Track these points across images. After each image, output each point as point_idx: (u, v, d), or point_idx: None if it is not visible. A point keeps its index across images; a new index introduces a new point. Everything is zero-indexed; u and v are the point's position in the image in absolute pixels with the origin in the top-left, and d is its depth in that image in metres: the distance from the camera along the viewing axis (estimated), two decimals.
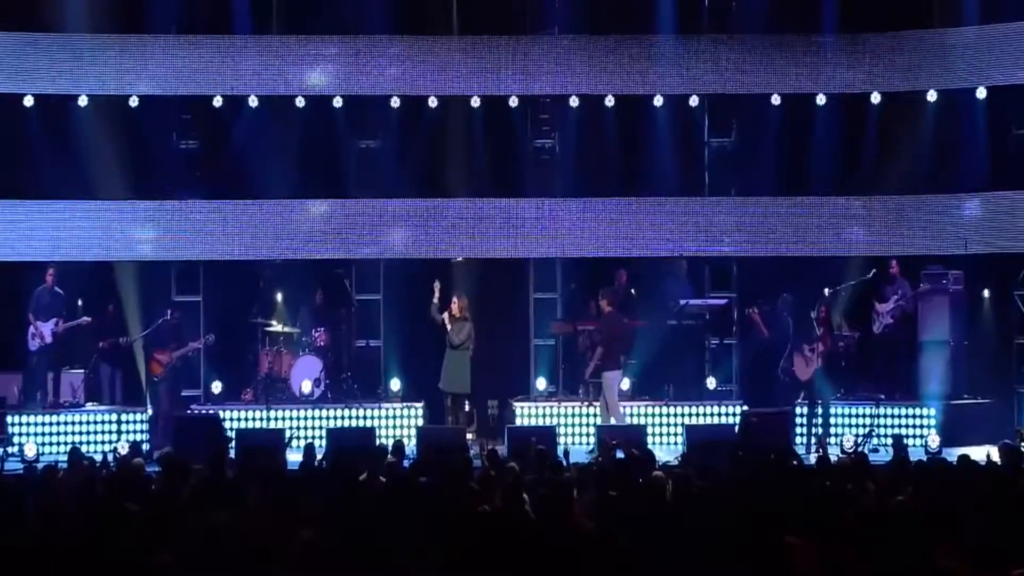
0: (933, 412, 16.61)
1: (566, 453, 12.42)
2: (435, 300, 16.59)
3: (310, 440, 14.46)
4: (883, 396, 17.02)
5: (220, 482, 10.25)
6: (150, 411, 16.76)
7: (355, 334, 18.46)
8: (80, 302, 17.76)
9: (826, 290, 16.74)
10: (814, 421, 16.14)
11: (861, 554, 7.66)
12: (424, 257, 18.32)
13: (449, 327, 16.36)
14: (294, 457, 13.74)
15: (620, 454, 12.14)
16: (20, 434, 16.38)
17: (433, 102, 18.08)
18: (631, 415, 16.88)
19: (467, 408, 16.71)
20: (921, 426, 16.55)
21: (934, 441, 15.62)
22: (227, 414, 16.70)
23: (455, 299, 16.53)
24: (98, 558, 7.67)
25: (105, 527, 7.97)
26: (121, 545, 7.77)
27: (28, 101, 17.73)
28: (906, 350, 17.32)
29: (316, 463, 12.28)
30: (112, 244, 17.99)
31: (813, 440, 15.98)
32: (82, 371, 17.46)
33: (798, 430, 16.31)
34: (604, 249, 18.28)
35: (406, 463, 12.26)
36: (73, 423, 16.66)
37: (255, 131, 17.96)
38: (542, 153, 18.80)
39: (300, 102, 17.97)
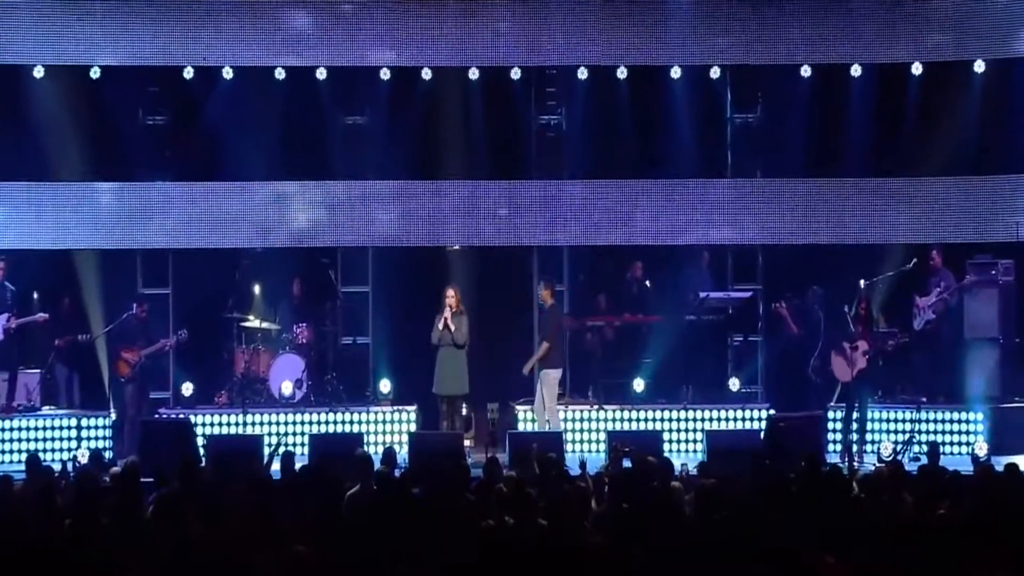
0: (980, 417, 16.64)
1: (583, 464, 12.46)
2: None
3: (289, 449, 14.53)
4: (925, 399, 17.04)
5: (191, 493, 10.29)
6: (113, 415, 16.80)
7: (340, 330, 18.49)
8: (35, 296, 17.77)
9: (862, 282, 16.73)
10: (851, 427, 16.17)
11: (897, 571, 7.71)
12: (417, 245, 18.33)
13: (452, 328, 16.30)
14: (276, 466, 13.79)
15: (627, 463, 12.18)
16: None
17: (427, 74, 18.08)
18: (647, 420, 16.95)
19: (464, 412, 16.75)
20: (967, 432, 16.60)
21: (981, 449, 15.64)
22: (199, 419, 16.74)
23: (452, 292, 16.50)
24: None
25: (68, 542, 8.02)
26: (85, 562, 7.82)
27: None
28: (950, 348, 17.30)
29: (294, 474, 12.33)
30: (71, 231, 18.00)
31: (853, 447, 16.03)
32: (38, 372, 17.46)
33: (831, 436, 16.35)
34: (616, 236, 18.30)
35: (397, 472, 12.30)
36: (28, 429, 16.68)
37: (230, 106, 17.94)
38: (547, 130, 18.82)
39: (280, 74, 17.96)
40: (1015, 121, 17.91)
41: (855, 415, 16.21)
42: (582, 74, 18.17)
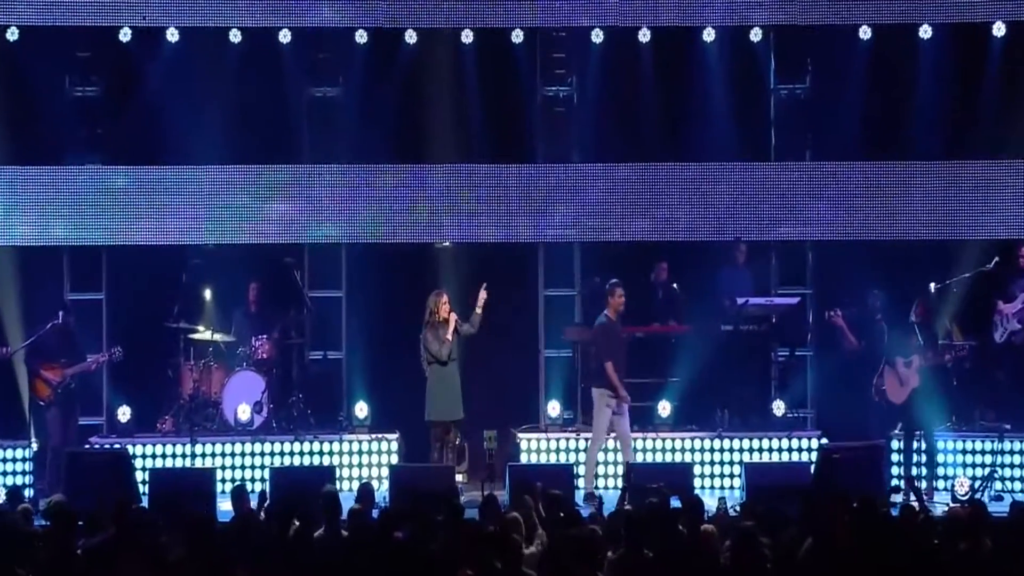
0: None
1: (599, 502, 12.45)
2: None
3: (240, 483, 14.55)
4: (1009, 426, 17.05)
5: (128, 538, 10.29)
6: (35, 445, 16.79)
7: (308, 343, 18.50)
8: None
9: (932, 285, 16.77)
10: (914, 458, 16.18)
11: None
12: (399, 241, 18.35)
13: (452, 338, 16.27)
14: (226, 506, 13.80)
15: (676, 502, 12.15)
16: None
17: (411, 37, 18.11)
18: (673, 450, 16.96)
19: (457, 440, 16.75)
20: None
21: None
22: (138, 449, 16.75)
23: (446, 300, 16.43)
24: None
25: None
26: None
27: None
28: None
29: (251, 513, 12.35)
30: None
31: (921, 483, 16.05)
32: None
33: (895, 470, 16.36)
34: (636, 231, 18.31)
35: (375, 513, 12.30)
36: None
37: (176, 74, 17.99)
38: (555, 104, 18.83)
39: (235, 36, 18.00)
40: None
41: (919, 444, 16.18)
42: (596, 37, 18.18)
